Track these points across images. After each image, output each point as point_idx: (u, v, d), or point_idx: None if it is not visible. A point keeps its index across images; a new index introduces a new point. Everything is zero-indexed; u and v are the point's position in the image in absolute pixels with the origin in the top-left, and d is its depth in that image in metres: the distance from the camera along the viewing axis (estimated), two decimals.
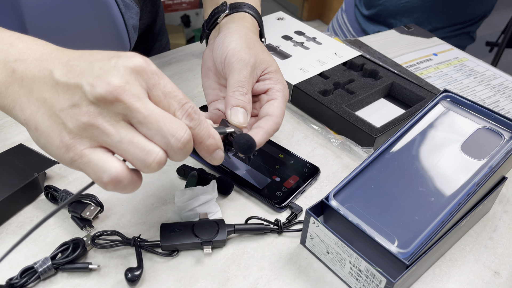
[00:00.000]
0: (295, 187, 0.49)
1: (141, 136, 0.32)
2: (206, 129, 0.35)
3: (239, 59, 0.44)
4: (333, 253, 0.41)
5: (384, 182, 0.42)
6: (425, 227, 0.39)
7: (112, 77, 0.31)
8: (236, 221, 0.46)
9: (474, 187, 0.40)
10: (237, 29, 0.49)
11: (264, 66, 0.46)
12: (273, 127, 0.43)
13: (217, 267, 0.42)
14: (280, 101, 0.45)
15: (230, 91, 0.43)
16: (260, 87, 0.46)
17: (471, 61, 0.79)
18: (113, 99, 0.31)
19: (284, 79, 0.47)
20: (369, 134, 0.54)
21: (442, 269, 0.43)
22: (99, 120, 0.31)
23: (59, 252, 0.40)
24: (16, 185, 0.43)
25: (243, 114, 0.42)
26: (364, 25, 1.08)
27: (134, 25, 0.61)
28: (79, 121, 0.31)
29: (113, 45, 0.61)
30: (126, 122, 0.32)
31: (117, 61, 0.32)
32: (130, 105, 0.31)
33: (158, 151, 0.32)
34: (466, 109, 0.46)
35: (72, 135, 0.31)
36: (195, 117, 0.34)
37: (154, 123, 0.31)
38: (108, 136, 0.31)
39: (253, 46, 0.47)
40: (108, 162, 0.31)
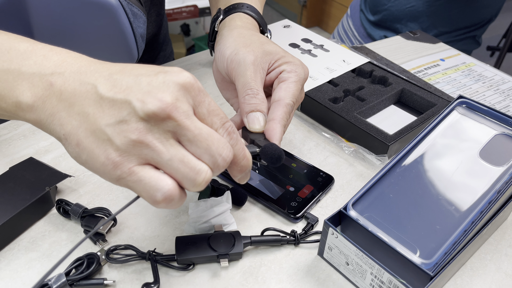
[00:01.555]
0: (310, 196, 0.48)
1: (190, 154, 0.31)
2: (242, 150, 0.35)
3: (237, 62, 0.44)
4: (353, 264, 0.40)
5: (403, 191, 0.41)
6: (447, 237, 0.38)
7: (163, 94, 0.30)
8: (251, 233, 0.45)
9: (496, 194, 0.39)
10: (230, 33, 0.48)
11: (269, 57, 0.45)
12: (284, 112, 0.42)
13: (234, 280, 0.41)
14: (289, 81, 0.43)
15: (241, 97, 0.43)
16: (273, 76, 0.45)
17: (478, 66, 0.79)
18: (165, 116, 0.30)
19: (296, 59, 0.45)
20: (383, 142, 0.53)
21: (463, 279, 0.42)
22: (149, 137, 0.30)
23: (73, 268, 0.39)
24: (28, 200, 0.43)
25: (259, 118, 0.42)
26: (369, 30, 1.07)
27: (142, 34, 0.61)
28: (127, 138, 0.30)
29: (121, 54, 0.60)
30: (175, 139, 0.31)
31: (165, 77, 0.31)
32: (181, 122, 0.30)
33: (206, 170, 0.31)
34: (482, 115, 0.45)
35: (120, 152, 0.30)
36: (233, 136, 0.34)
37: (203, 142, 0.31)
38: (158, 154, 0.30)
39: (249, 43, 0.45)
40: (161, 181, 0.30)
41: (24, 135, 0.55)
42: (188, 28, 2.43)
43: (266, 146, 0.39)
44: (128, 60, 0.61)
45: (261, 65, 0.44)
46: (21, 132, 0.55)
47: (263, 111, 0.42)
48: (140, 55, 0.62)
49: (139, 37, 0.59)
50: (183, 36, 2.36)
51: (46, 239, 0.43)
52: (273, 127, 0.41)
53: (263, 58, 0.44)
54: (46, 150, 0.52)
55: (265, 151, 0.39)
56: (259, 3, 0.59)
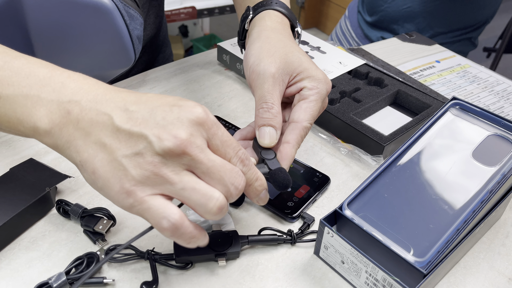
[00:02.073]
0: (306, 196, 0.49)
1: (203, 183, 0.33)
2: (255, 173, 0.37)
3: (257, 74, 0.43)
4: (348, 263, 0.41)
5: (397, 191, 0.42)
6: (440, 235, 0.39)
7: (178, 130, 0.32)
8: (249, 232, 0.45)
9: (488, 194, 0.40)
10: (258, 35, 0.48)
11: (291, 69, 0.44)
12: (301, 136, 0.42)
13: (232, 279, 0.41)
14: (309, 100, 0.43)
15: (256, 109, 0.43)
16: (293, 90, 0.44)
17: (473, 68, 0.80)
18: (180, 152, 0.32)
19: (319, 72, 0.45)
20: (378, 142, 0.54)
21: (457, 277, 0.43)
22: (164, 170, 0.32)
23: (73, 267, 0.40)
24: (28, 200, 0.43)
25: (269, 134, 0.42)
26: (367, 31, 1.08)
27: (138, 36, 0.62)
28: (143, 170, 0.32)
29: (118, 56, 0.61)
30: (189, 171, 0.33)
31: (180, 112, 0.33)
32: (195, 157, 0.32)
33: (218, 196, 0.33)
34: (476, 116, 0.46)
35: (134, 182, 0.32)
36: (247, 163, 0.36)
37: (217, 173, 0.33)
38: (172, 184, 0.32)
39: (273, 51, 0.45)
40: (168, 209, 0.32)
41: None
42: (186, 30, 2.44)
43: (276, 172, 0.40)
44: (126, 62, 0.61)
45: (282, 77, 0.44)
46: None
47: (275, 126, 0.42)
48: (137, 57, 0.62)
49: (135, 39, 0.60)
50: (181, 38, 2.37)
51: (46, 239, 0.43)
52: (286, 150, 0.42)
53: (285, 70, 0.44)
54: (46, 151, 0.53)
55: (274, 177, 0.40)
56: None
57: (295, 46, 0.47)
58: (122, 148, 0.32)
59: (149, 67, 0.78)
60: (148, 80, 0.69)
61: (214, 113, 0.62)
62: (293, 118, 0.43)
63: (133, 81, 0.68)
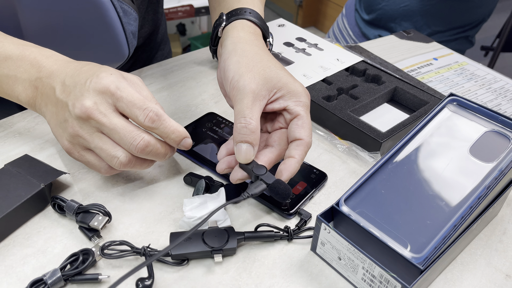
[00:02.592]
0: (303, 193, 0.49)
1: (109, 142, 0.42)
2: (168, 127, 0.43)
3: (237, 89, 0.44)
4: (345, 259, 0.40)
5: (394, 187, 0.42)
6: (437, 232, 0.38)
7: (84, 100, 0.41)
8: (245, 229, 0.45)
9: (485, 190, 0.40)
10: (234, 48, 0.48)
11: (270, 85, 0.45)
12: (305, 152, 0.44)
13: (228, 275, 0.41)
14: (301, 116, 0.44)
15: (234, 124, 0.43)
16: (275, 106, 0.45)
17: (471, 65, 0.80)
18: (86, 117, 0.41)
19: (299, 86, 0.46)
20: (375, 139, 0.54)
21: (454, 274, 0.43)
22: (80, 131, 0.42)
23: (68, 264, 0.40)
24: (23, 196, 0.43)
25: (245, 151, 0.43)
26: (364, 29, 1.08)
27: (133, 31, 0.61)
28: (68, 132, 0.43)
29: (111, 51, 0.60)
30: (100, 132, 0.42)
31: (89, 84, 0.42)
32: (99, 120, 0.41)
33: (120, 154, 0.42)
34: (473, 112, 0.46)
35: (67, 141, 0.44)
36: (155, 119, 0.42)
37: (117, 134, 0.42)
38: (88, 143, 0.43)
39: (252, 66, 0.45)
40: (101, 163, 0.45)
41: (19, 132, 0.55)
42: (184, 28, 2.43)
43: (275, 185, 0.42)
44: (119, 57, 0.61)
45: (262, 93, 0.44)
46: (16, 130, 0.55)
47: (252, 143, 0.43)
48: (131, 52, 0.62)
49: (129, 34, 0.59)
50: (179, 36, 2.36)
51: (41, 235, 0.43)
52: (290, 163, 0.43)
53: (265, 86, 0.44)
54: (41, 148, 0.53)
55: (275, 190, 0.42)
56: (261, 5, 0.58)
57: (271, 60, 0.48)
58: (59, 115, 0.43)
59: (148, 64, 0.78)
60: (144, 76, 0.68)
61: (211, 110, 0.62)
62: (295, 136, 0.44)
63: None
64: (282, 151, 0.46)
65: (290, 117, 0.45)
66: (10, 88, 0.46)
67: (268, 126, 0.48)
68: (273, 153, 0.45)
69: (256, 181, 0.43)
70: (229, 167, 0.46)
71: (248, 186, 0.43)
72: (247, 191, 0.42)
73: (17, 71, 0.46)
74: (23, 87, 0.46)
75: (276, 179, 0.42)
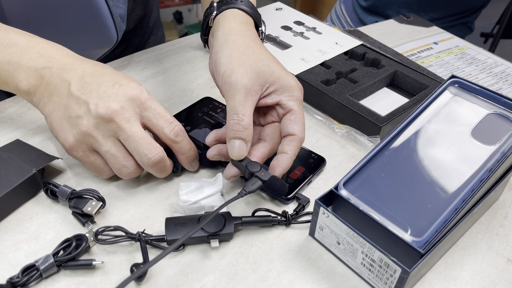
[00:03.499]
0: (301, 178, 0.48)
1: (123, 152, 0.42)
2: (188, 144, 0.45)
3: (229, 85, 0.43)
4: (344, 243, 0.40)
5: (394, 171, 0.41)
6: (438, 215, 0.38)
7: (112, 102, 0.41)
8: (242, 214, 0.44)
9: (487, 173, 0.39)
10: (225, 40, 0.46)
11: (263, 80, 0.43)
12: (298, 147, 0.44)
13: (225, 261, 0.40)
14: (294, 111, 0.44)
15: (227, 120, 0.42)
16: (268, 101, 0.44)
17: (472, 49, 0.78)
18: (109, 119, 0.41)
19: (290, 78, 0.45)
20: (375, 123, 0.53)
21: (454, 258, 0.42)
22: (95, 132, 0.41)
23: (61, 249, 0.39)
24: (15, 182, 0.42)
25: (238, 148, 0.42)
26: (362, 16, 1.07)
27: (121, 14, 0.59)
28: (79, 129, 0.41)
29: (99, 35, 0.59)
30: (115, 138, 0.42)
31: (118, 89, 0.42)
32: (120, 125, 0.41)
33: (131, 166, 0.43)
34: (475, 94, 0.45)
35: (73, 138, 0.42)
36: (180, 134, 0.43)
37: (134, 142, 0.41)
38: (99, 145, 0.42)
39: (244, 60, 0.44)
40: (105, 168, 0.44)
41: (11, 118, 0.54)
42: (180, 16, 2.40)
43: (271, 182, 0.42)
44: (108, 41, 0.59)
45: (254, 88, 0.43)
46: (7, 115, 0.54)
47: (245, 139, 0.42)
48: (120, 36, 0.60)
49: (117, 17, 0.57)
50: (175, 24, 2.34)
51: (34, 221, 0.42)
52: (283, 159, 0.43)
53: (257, 80, 0.43)
54: (34, 133, 0.52)
55: (271, 187, 0.42)
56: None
57: (264, 52, 0.46)
58: (70, 110, 0.41)
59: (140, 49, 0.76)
60: (139, 61, 0.67)
61: (207, 94, 0.61)
62: (288, 131, 0.43)
63: (124, 62, 0.66)
64: (275, 145, 0.45)
65: (283, 112, 0.44)
66: (9, 75, 0.44)
67: (261, 119, 0.47)
68: (266, 147, 0.45)
69: (252, 178, 0.42)
70: (220, 154, 0.45)
71: (244, 183, 0.43)
72: (244, 188, 0.42)
73: (22, 59, 0.44)
74: (25, 74, 0.43)
75: (272, 176, 0.42)
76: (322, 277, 0.40)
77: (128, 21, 0.70)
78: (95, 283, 0.38)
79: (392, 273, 0.36)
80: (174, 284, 0.38)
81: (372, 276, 0.39)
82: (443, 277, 0.41)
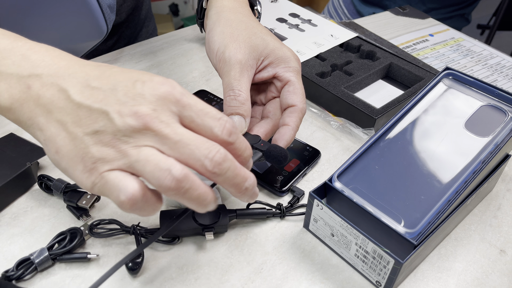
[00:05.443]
0: (296, 170, 0.48)
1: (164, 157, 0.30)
2: (244, 142, 0.33)
3: (223, 61, 0.42)
4: (338, 235, 0.40)
5: (388, 163, 0.41)
6: (431, 207, 0.38)
7: (139, 106, 0.30)
8: (237, 207, 0.44)
9: (480, 164, 0.39)
10: (218, 18, 0.46)
11: (257, 53, 0.43)
12: (300, 118, 0.42)
13: (219, 253, 0.41)
14: (292, 82, 0.43)
15: (224, 97, 0.41)
16: (265, 75, 0.43)
17: (467, 41, 0.78)
18: (142, 128, 0.29)
19: (285, 50, 0.44)
20: (370, 116, 0.53)
21: (448, 249, 0.43)
22: (123, 146, 0.30)
23: (56, 243, 0.39)
24: (9, 175, 0.42)
25: (237, 123, 0.40)
26: (359, 7, 1.06)
27: (110, 4, 0.58)
28: (103, 147, 0.30)
29: (88, 27, 0.58)
30: (156, 149, 0.30)
31: (142, 88, 0.30)
32: (160, 131, 0.29)
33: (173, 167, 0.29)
34: (469, 86, 0.45)
35: (94, 159, 0.30)
36: (234, 131, 0.32)
37: (186, 147, 0.30)
38: (129, 161, 0.30)
39: (237, 35, 0.43)
40: (125, 181, 0.29)
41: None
42: (176, 8, 2.39)
43: (270, 150, 0.39)
44: (98, 33, 0.58)
45: (249, 62, 0.42)
46: None
47: (243, 114, 0.41)
48: (110, 28, 0.59)
49: (106, 8, 0.57)
50: (171, 16, 2.33)
51: (28, 215, 0.42)
52: (285, 131, 0.41)
53: (251, 54, 0.42)
54: None
55: (271, 154, 0.39)
56: None
57: (257, 26, 0.45)
58: (83, 126, 0.30)
59: (132, 42, 0.76)
60: (134, 53, 0.66)
61: (202, 87, 0.60)
62: (288, 103, 0.42)
63: (117, 55, 0.66)
64: (278, 121, 0.44)
65: (281, 84, 0.43)
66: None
67: (262, 97, 0.46)
68: (269, 123, 0.43)
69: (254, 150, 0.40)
70: None
71: None
72: None
73: (1, 64, 0.32)
74: (6, 85, 0.32)
75: (271, 144, 0.40)
76: (316, 269, 0.40)
77: (120, 12, 0.69)
78: (90, 276, 0.38)
79: (386, 264, 0.37)
80: (169, 276, 0.38)
81: (365, 267, 0.39)
82: (436, 268, 0.41)
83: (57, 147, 0.31)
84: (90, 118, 0.30)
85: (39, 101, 0.31)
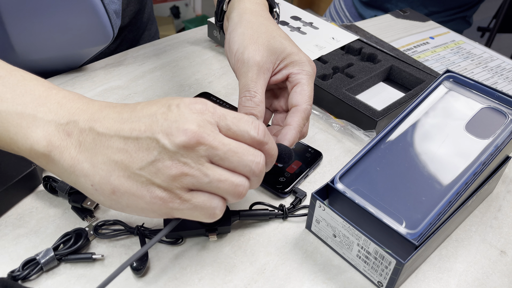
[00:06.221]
0: (298, 172, 0.49)
1: (226, 172, 0.33)
2: (273, 143, 0.36)
3: (242, 62, 0.43)
4: (340, 236, 0.40)
5: (389, 164, 0.42)
6: (432, 208, 0.38)
7: (185, 124, 0.31)
8: (240, 208, 0.45)
9: (481, 166, 0.40)
10: (240, 19, 0.46)
11: (274, 57, 0.43)
12: (302, 118, 0.42)
13: (223, 253, 0.41)
14: (301, 83, 0.43)
15: (239, 97, 0.42)
16: (279, 77, 0.44)
17: (467, 44, 0.79)
18: (195, 143, 0.31)
19: (302, 55, 0.44)
20: (371, 118, 0.54)
21: (449, 250, 0.43)
22: (185, 168, 0.31)
23: (61, 243, 0.39)
24: (14, 177, 0.42)
25: None
26: (360, 10, 1.07)
27: (116, 10, 0.59)
28: (166, 175, 0.31)
29: (94, 32, 0.58)
30: (208, 162, 0.32)
31: (179, 110, 0.32)
32: (211, 144, 0.32)
33: (244, 181, 0.33)
34: (469, 88, 0.46)
35: (163, 188, 0.32)
36: (267, 132, 0.35)
37: (235, 156, 0.32)
38: (198, 180, 0.32)
39: (257, 37, 0.44)
40: (213, 201, 0.33)
41: None
42: (178, 11, 2.40)
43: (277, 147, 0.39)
44: (104, 38, 0.59)
45: (266, 65, 0.43)
46: None
47: (257, 115, 0.41)
48: (116, 32, 0.60)
49: (112, 13, 0.57)
50: (172, 19, 2.34)
51: (34, 216, 0.43)
52: (286, 131, 0.41)
53: (269, 57, 0.43)
54: None
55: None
56: None
57: (277, 30, 0.46)
58: (136, 161, 0.31)
59: (135, 45, 0.76)
60: (136, 56, 0.67)
61: (205, 90, 0.61)
62: (292, 103, 0.43)
63: (121, 57, 0.66)
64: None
65: (291, 86, 0.44)
66: (21, 132, 0.33)
67: (282, 104, 0.46)
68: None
69: None
70: None
71: None
72: None
73: (38, 111, 0.33)
74: (44, 132, 0.32)
75: (276, 143, 0.40)
76: (318, 269, 0.40)
77: (123, 16, 0.70)
78: (95, 276, 0.38)
79: (387, 265, 0.37)
80: (173, 276, 0.39)
81: (367, 268, 0.39)
82: (437, 269, 0.41)
83: (112, 187, 0.32)
84: (141, 151, 0.31)
85: (81, 148, 0.32)
